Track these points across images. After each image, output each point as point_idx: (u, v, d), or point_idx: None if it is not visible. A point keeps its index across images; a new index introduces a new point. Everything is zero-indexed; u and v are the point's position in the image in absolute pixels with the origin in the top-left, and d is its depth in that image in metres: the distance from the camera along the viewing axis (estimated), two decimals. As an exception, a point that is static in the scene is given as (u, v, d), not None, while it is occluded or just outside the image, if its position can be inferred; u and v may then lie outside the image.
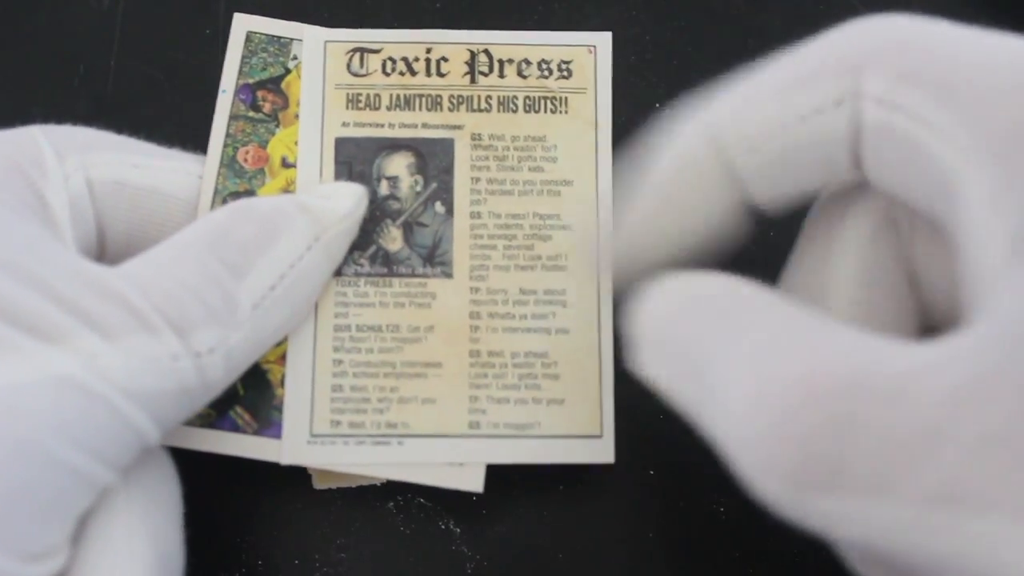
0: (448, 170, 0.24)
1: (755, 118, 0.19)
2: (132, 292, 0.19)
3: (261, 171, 0.24)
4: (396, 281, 0.24)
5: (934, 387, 0.14)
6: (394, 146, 0.24)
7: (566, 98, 0.25)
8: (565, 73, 0.25)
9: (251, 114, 0.25)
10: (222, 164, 0.24)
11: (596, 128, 0.25)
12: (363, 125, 0.24)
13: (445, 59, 0.25)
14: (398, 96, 0.25)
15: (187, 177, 0.24)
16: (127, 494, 0.19)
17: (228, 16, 0.26)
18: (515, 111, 0.25)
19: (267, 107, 0.25)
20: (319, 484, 0.25)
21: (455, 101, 0.25)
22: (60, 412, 0.17)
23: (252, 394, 0.23)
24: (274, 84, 0.25)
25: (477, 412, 0.23)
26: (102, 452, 0.18)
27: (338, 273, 0.24)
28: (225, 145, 0.24)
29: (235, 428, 0.23)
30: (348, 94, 0.25)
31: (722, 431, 0.16)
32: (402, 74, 0.25)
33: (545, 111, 0.25)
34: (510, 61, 0.25)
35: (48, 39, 0.28)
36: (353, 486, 0.25)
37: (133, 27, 0.28)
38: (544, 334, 0.23)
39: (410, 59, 0.25)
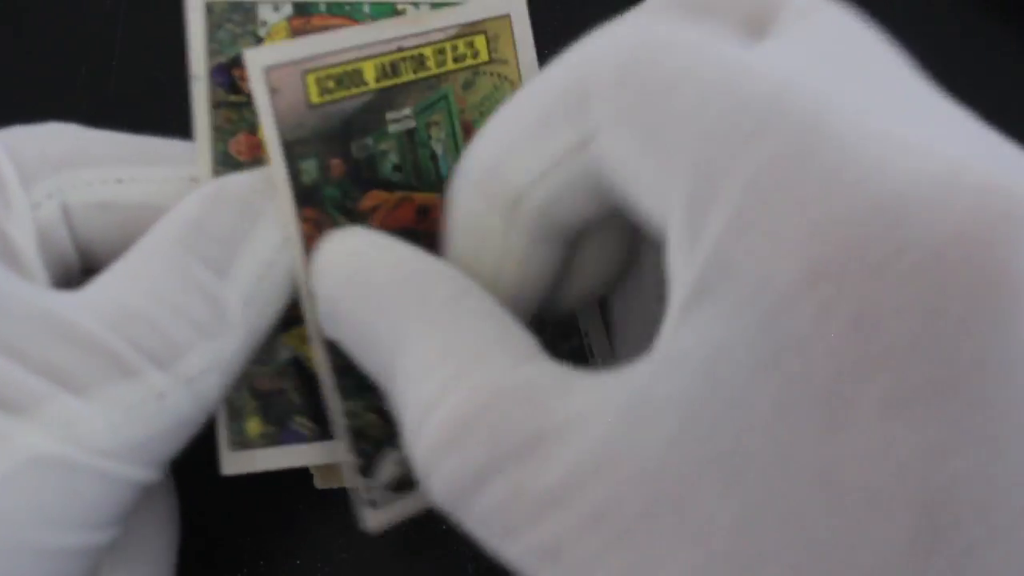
0: None
1: (515, 170, 0.17)
2: (102, 329, 0.17)
3: (258, 160, 0.22)
4: None
5: (564, 452, 0.14)
6: None
7: None
8: None
9: (232, 98, 0.22)
10: (215, 162, 0.21)
11: None
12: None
13: None
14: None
15: (179, 184, 0.21)
16: (114, 549, 0.18)
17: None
18: None
19: (247, 87, 0.22)
20: (321, 484, 0.25)
21: None
22: (40, 498, 0.15)
23: (308, 398, 0.21)
24: None
25: None
26: (94, 520, 0.16)
27: None
28: (214, 140, 0.22)
29: (300, 439, 0.21)
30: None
31: (400, 413, 0.17)
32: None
33: None
34: None
35: (50, 40, 0.27)
36: (355, 485, 0.25)
37: (136, 28, 0.27)
38: None
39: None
